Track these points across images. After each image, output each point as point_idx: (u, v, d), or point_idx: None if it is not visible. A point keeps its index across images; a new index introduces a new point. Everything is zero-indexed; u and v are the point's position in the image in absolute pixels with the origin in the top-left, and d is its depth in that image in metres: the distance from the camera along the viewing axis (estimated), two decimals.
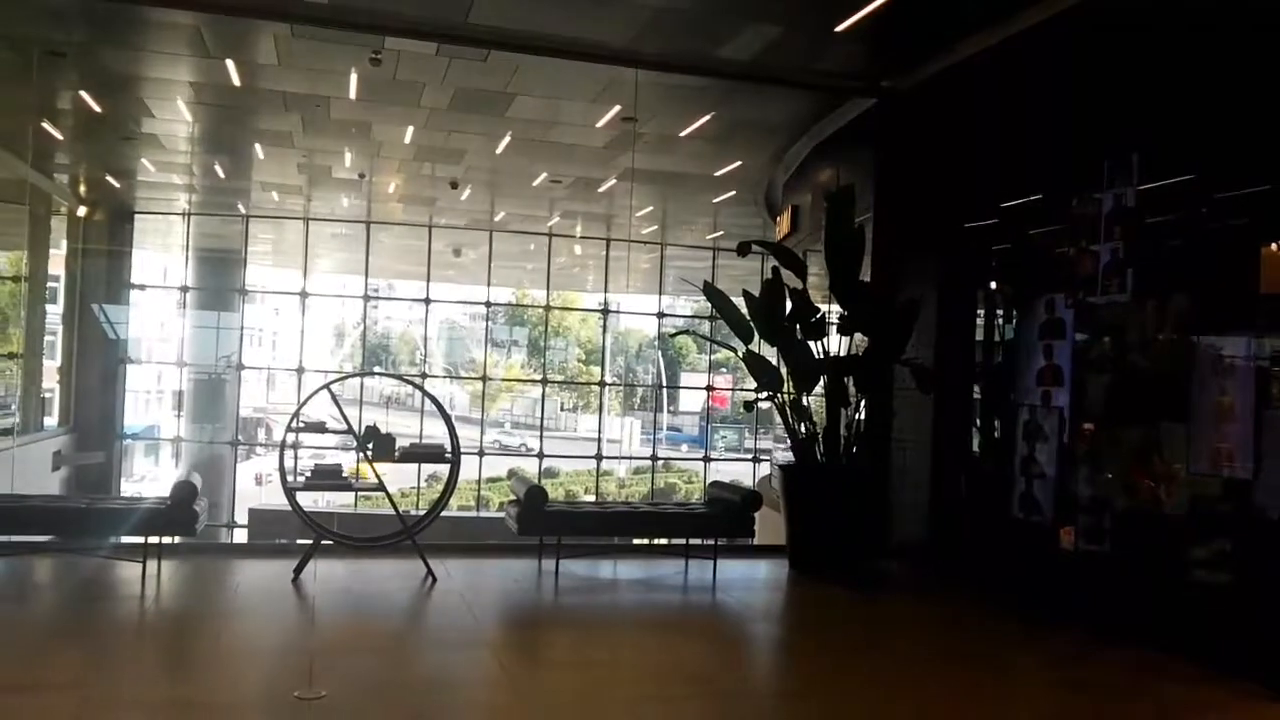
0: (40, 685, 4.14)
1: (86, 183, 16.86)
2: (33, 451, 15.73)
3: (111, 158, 14.64)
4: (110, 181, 16.24)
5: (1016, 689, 4.81)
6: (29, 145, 13.11)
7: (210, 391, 19.85)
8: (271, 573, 6.37)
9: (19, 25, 8.58)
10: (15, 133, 12.79)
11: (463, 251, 19.26)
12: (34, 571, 6.36)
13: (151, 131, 12.36)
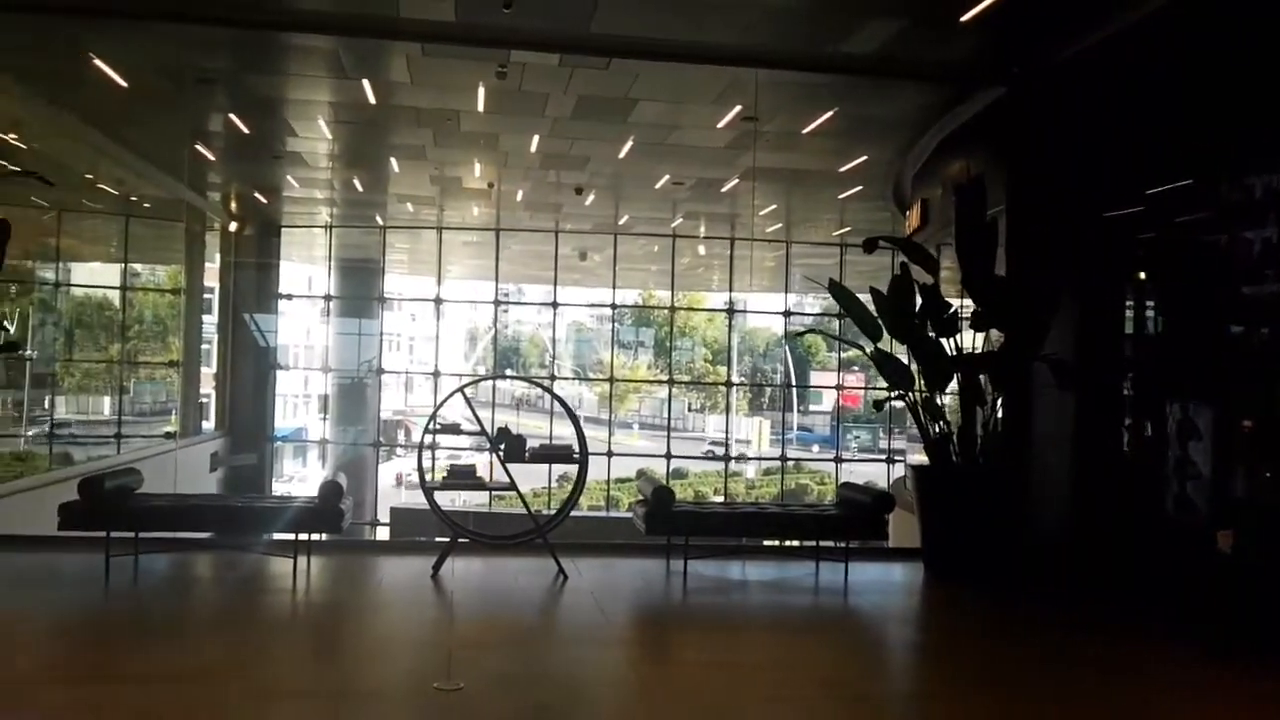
0: (202, 672, 4.42)
1: (237, 200, 17.87)
2: (192, 453, 16.73)
3: (259, 176, 15.49)
4: (259, 198, 17.18)
5: (1156, 697, 4.59)
6: (185, 167, 14.03)
7: (353, 395, 20.69)
8: (412, 569, 6.63)
9: (174, 56, 9.18)
10: (173, 156, 13.70)
11: (589, 255, 19.55)
12: (195, 566, 6.79)
13: (295, 150, 13.01)
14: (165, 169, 14.54)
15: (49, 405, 17.37)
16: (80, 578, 6.09)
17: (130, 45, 8.81)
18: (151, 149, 13.35)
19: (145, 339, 19.93)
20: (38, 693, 4.08)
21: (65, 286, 17.42)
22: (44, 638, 5.07)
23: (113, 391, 18.27)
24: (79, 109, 10.95)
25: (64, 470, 13.84)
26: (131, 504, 6.28)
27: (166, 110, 11.19)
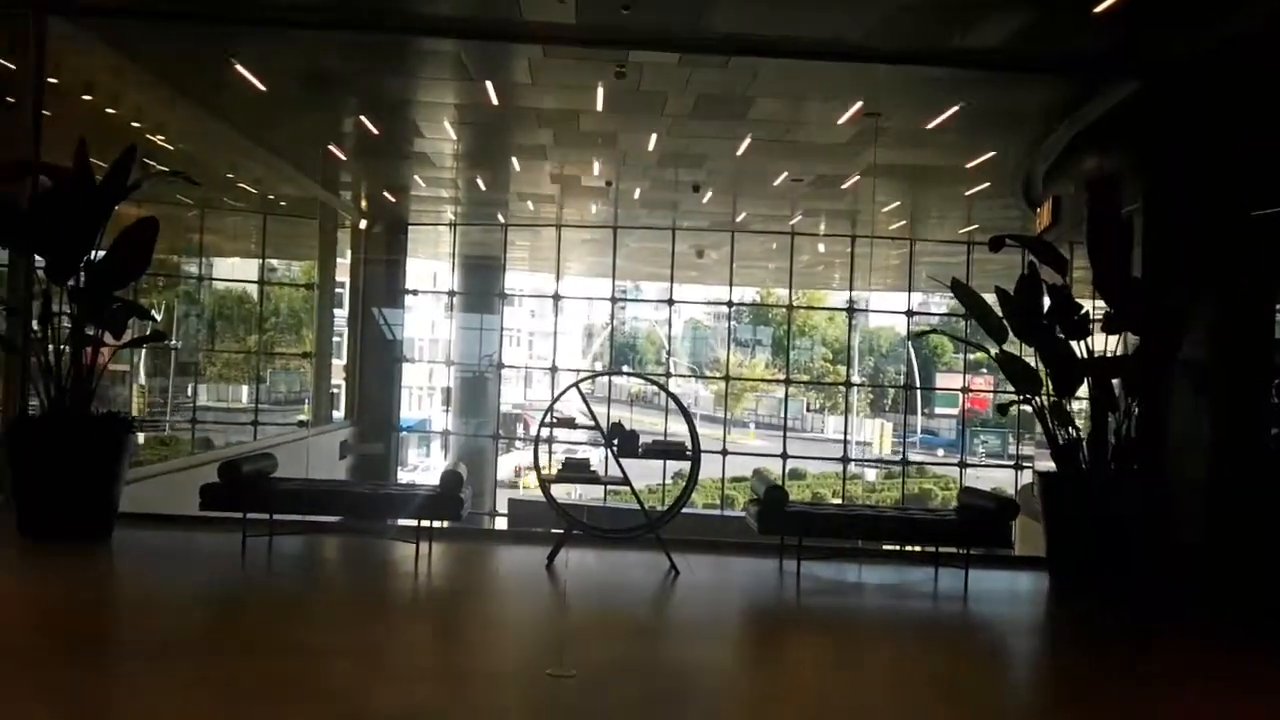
0: (330, 649, 4.62)
1: (367, 198, 18.55)
2: (323, 441, 17.43)
3: (388, 175, 16.05)
4: (387, 197, 17.80)
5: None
6: (319, 167, 14.65)
7: (474, 388, 21.22)
8: (527, 558, 6.78)
9: (310, 61, 9.60)
10: (308, 157, 14.33)
11: (705, 252, 19.56)
12: (325, 548, 7.09)
13: (422, 150, 13.45)
14: (301, 169, 15.23)
15: (191, 393, 18.37)
16: (219, 555, 6.43)
17: (270, 51, 9.26)
18: (288, 150, 13.99)
19: (280, 331, 20.90)
20: (180, 659, 4.34)
21: (207, 280, 18.40)
22: (187, 610, 5.38)
23: (250, 381, 19.21)
24: (221, 112, 11.56)
25: (205, 454, 14.62)
26: (267, 487, 6.60)
27: (302, 112, 11.71)
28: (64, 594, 5.38)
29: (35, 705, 3.66)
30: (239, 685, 3.97)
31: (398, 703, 3.89)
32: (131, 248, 6.84)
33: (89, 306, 6.69)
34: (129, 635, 4.90)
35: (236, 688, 3.94)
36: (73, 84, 9.21)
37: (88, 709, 3.70)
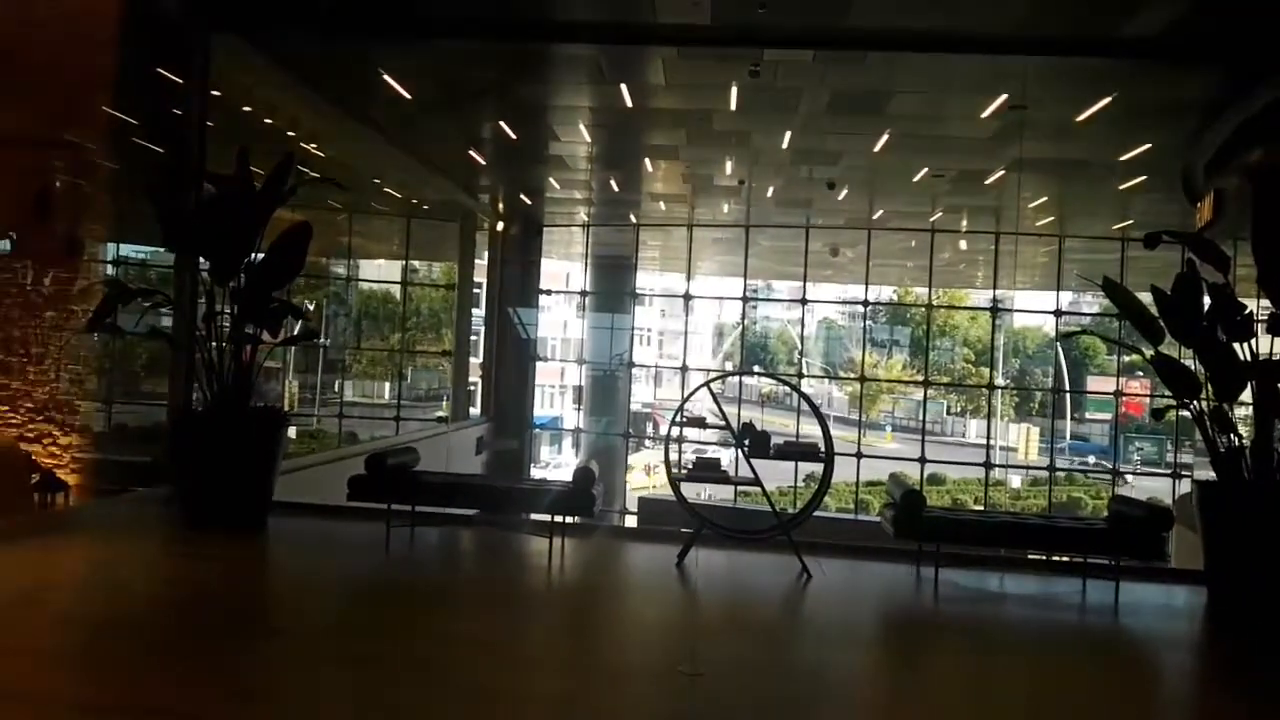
0: (470, 637, 4.76)
1: (504, 201, 19.03)
2: (460, 437, 17.98)
3: (524, 178, 16.42)
4: (524, 199, 18.21)
5: None
6: (460, 171, 15.11)
7: (605, 387, 21.51)
8: (658, 556, 6.81)
9: (452, 70, 9.91)
10: (449, 162, 14.81)
11: (840, 251, 19.25)
12: (463, 539, 7.30)
13: (557, 153, 13.70)
14: (442, 173, 15.75)
15: (338, 389, 19.24)
16: (365, 544, 6.70)
17: (416, 61, 9.61)
18: (431, 155, 14.49)
19: (421, 330, 21.67)
20: (328, 640, 4.57)
21: (354, 281, 19.22)
22: (336, 595, 5.65)
23: (392, 378, 19.98)
24: (370, 120, 12.05)
25: (350, 448, 15.27)
26: (410, 480, 6.84)
27: (444, 119, 12.10)
28: (226, 578, 5.72)
29: (204, 678, 3.92)
30: (381, 667, 4.14)
31: (532, 691, 4.00)
32: (287, 251, 7.20)
33: (249, 306, 7.08)
34: (284, 617, 5.18)
35: (379, 669, 4.11)
36: (234, 96, 9.77)
37: (249, 683, 3.93)
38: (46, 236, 8.36)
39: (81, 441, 8.10)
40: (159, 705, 3.55)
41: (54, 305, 8.36)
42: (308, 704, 3.69)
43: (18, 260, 8.41)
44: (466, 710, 3.73)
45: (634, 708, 3.98)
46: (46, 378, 8.31)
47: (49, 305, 8.36)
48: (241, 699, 3.71)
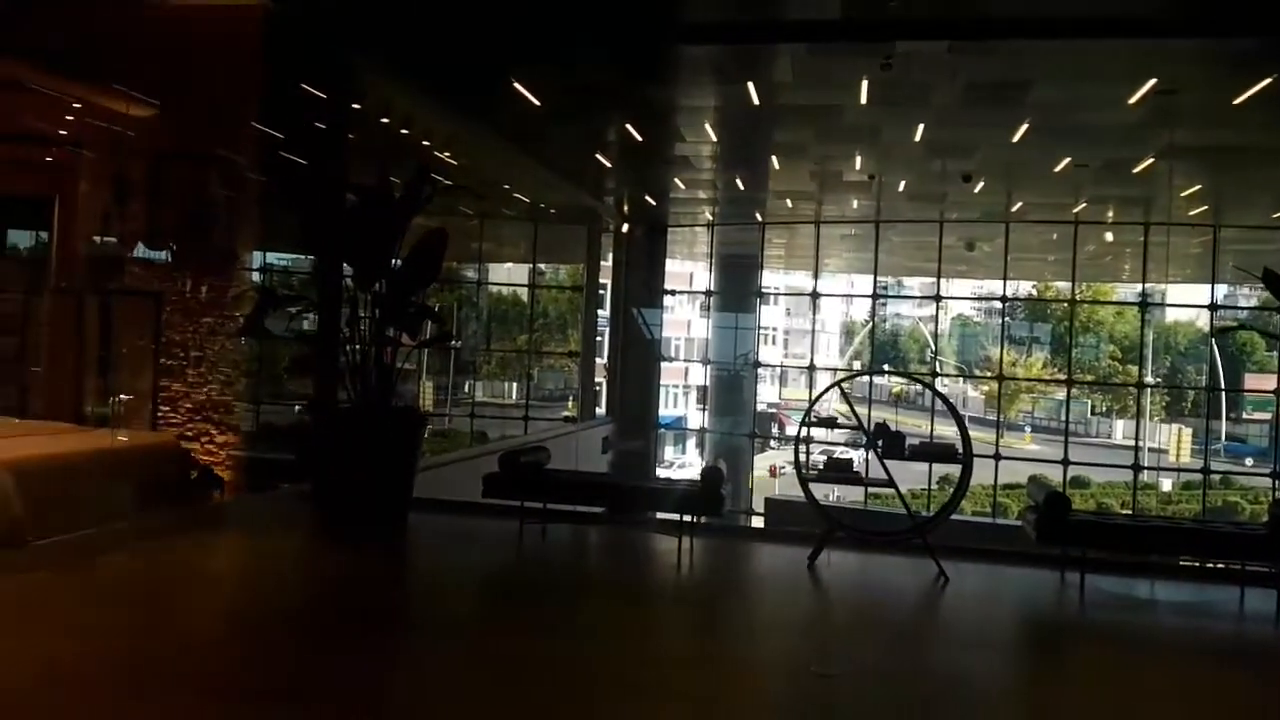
0: (601, 632, 4.82)
1: (629, 203, 19.18)
2: (586, 436, 18.21)
3: (649, 180, 16.50)
4: (648, 201, 18.31)
5: None
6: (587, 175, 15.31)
7: (730, 387, 21.45)
8: (787, 557, 6.76)
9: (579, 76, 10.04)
10: (575, 166, 15.02)
11: (976, 245, 18.65)
12: (593, 536, 7.39)
13: (682, 154, 13.72)
14: (569, 178, 15.99)
15: (469, 389, 19.78)
16: (499, 540, 6.87)
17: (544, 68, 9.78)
18: (558, 160, 14.72)
19: (548, 331, 22.08)
20: (468, 634, 4.71)
21: (483, 285, 19.71)
22: (473, 589, 5.83)
23: (520, 378, 20.41)
24: (499, 127, 12.33)
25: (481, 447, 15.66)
26: (542, 478, 6.97)
27: (571, 124, 12.27)
28: (371, 571, 5.96)
29: (356, 668, 4.09)
30: (520, 662, 4.24)
31: (670, 688, 4.02)
32: (425, 256, 7.45)
33: (390, 310, 7.34)
34: (427, 610, 5.35)
35: (518, 664, 4.20)
36: (372, 109, 10.15)
37: (398, 674, 4.08)
38: (203, 247, 8.86)
39: (235, 440, 8.56)
40: (313, 692, 3.72)
41: (210, 311, 8.84)
42: (455, 695, 3.80)
43: (177, 270, 8.94)
44: (606, 705, 3.77)
45: (770, 706, 3.96)
46: (204, 380, 8.80)
47: (205, 311, 8.85)
48: (387, 690, 3.85)
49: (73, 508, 6.08)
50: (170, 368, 8.78)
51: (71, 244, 9.68)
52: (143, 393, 8.69)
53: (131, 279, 8.93)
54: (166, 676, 3.81)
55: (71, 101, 8.72)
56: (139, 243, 8.62)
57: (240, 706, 3.56)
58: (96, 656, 4.02)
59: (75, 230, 9.70)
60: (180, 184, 8.67)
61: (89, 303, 9.14)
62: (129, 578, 5.37)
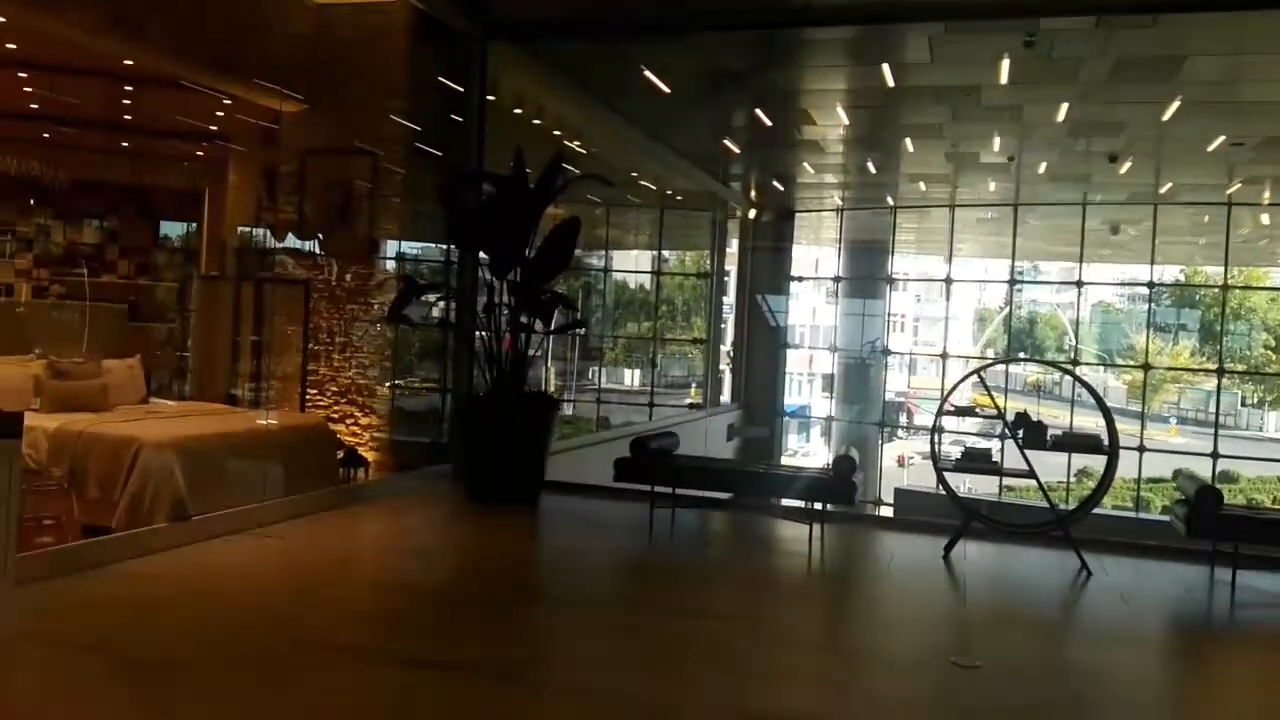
0: (731, 615, 4.87)
1: (756, 188, 19.05)
2: (711, 423, 18.25)
3: (776, 165, 16.36)
4: (775, 186, 18.15)
5: None
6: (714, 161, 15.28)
7: (857, 375, 21.10)
8: (920, 547, 6.65)
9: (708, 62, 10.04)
10: (702, 151, 15.01)
11: (1120, 228, 17.82)
12: (722, 522, 7.42)
13: (811, 138, 13.55)
14: (695, 163, 15.99)
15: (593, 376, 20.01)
16: (628, 524, 6.97)
17: (673, 56, 9.82)
18: (684, 146, 14.75)
19: (672, 318, 22.14)
20: (601, 611, 4.83)
21: (609, 272, 19.90)
22: (605, 569, 5.97)
23: (644, 365, 20.54)
24: (628, 115, 12.43)
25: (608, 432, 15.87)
26: (671, 463, 7.04)
27: (699, 110, 12.28)
28: (509, 549, 6.17)
29: (501, 639, 4.26)
30: (654, 639, 4.33)
31: (801, 671, 4.05)
32: (558, 244, 7.61)
33: (524, 298, 7.53)
34: (565, 587, 5.50)
35: (651, 640, 4.30)
36: (505, 99, 10.39)
37: (540, 646, 4.24)
38: (347, 236, 9.23)
39: (378, 422, 8.92)
40: (466, 662, 3.89)
41: (354, 299, 9.22)
42: (592, 669, 3.91)
43: (324, 258, 9.35)
44: (738, 685, 3.81)
45: (908, 696, 3.92)
46: (347, 364, 9.20)
47: (349, 299, 9.23)
48: (535, 661, 4.00)
49: (229, 485, 6.47)
50: (316, 352, 9.21)
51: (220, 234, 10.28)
52: (292, 376, 9.14)
53: (282, 268, 9.40)
54: (324, 645, 4.04)
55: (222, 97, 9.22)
56: (288, 233, 9.05)
57: (397, 673, 3.75)
58: (258, 626, 4.29)
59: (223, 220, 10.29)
60: (326, 177, 9.04)
61: (241, 290, 9.68)
62: (283, 552, 5.69)
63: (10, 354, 7.54)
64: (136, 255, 11.04)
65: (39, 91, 11.19)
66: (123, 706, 3.27)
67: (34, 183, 9.99)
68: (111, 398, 7.37)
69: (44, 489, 5.33)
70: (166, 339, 10.33)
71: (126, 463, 5.94)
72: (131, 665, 3.65)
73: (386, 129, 9.02)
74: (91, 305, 9.26)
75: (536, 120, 11.78)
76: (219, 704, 3.34)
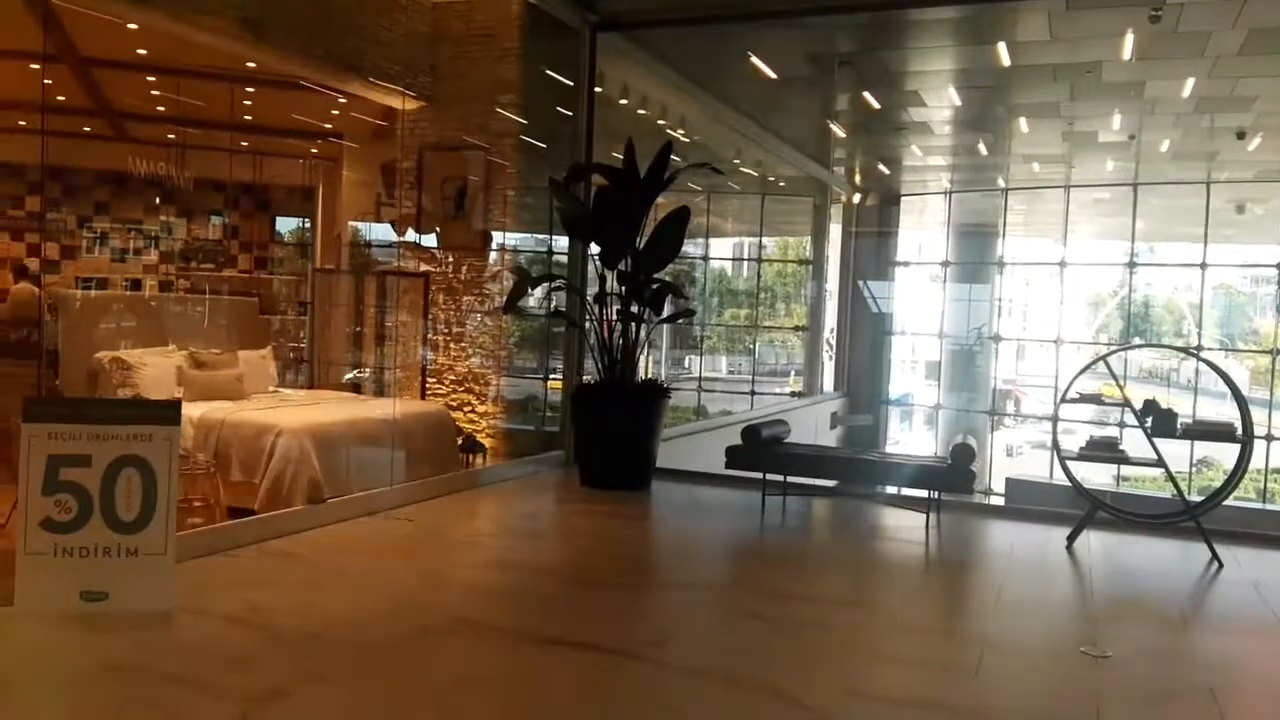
0: (836, 599, 4.89)
1: (860, 172, 18.81)
2: (813, 412, 18.13)
3: (882, 148, 16.13)
4: (880, 169, 17.90)
5: None
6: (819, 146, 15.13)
7: (963, 362, 20.65)
8: (1038, 536, 6.53)
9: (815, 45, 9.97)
10: (806, 136, 14.89)
11: (1246, 207, 17.02)
12: (834, 510, 7.38)
13: (920, 120, 13.32)
14: (799, 149, 15.88)
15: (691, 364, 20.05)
16: (739, 510, 7.02)
17: (780, 41, 9.78)
18: (789, 131, 14.66)
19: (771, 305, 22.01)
20: (716, 593, 4.91)
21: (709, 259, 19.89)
22: (719, 553, 6.06)
23: (743, 352, 20.49)
24: (732, 102, 12.43)
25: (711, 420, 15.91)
26: (783, 450, 7.06)
27: (804, 94, 12.20)
28: (624, 532, 6.29)
29: (623, 619, 4.39)
30: (772, 623, 4.38)
31: (927, 657, 4.05)
32: (668, 234, 7.67)
33: (635, 287, 7.63)
34: (680, 570, 5.60)
35: (770, 625, 4.35)
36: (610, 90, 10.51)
37: (660, 628, 4.33)
38: (463, 229, 9.50)
39: (493, 410, 9.18)
40: (592, 641, 4.01)
41: (469, 290, 9.49)
42: (716, 650, 3.98)
43: (441, 251, 9.65)
44: (863, 669, 3.84)
45: (1037, 685, 3.89)
46: (464, 354, 9.48)
47: (465, 290, 9.51)
48: (662, 642, 4.09)
49: (359, 469, 6.76)
50: (434, 342, 9.51)
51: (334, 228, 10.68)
52: (411, 365, 9.47)
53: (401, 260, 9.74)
54: (458, 621, 4.21)
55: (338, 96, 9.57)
56: (408, 228, 9.36)
57: (531, 650, 3.90)
58: (395, 602, 4.50)
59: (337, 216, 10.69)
60: (442, 172, 9.31)
61: (363, 282, 10.05)
62: (414, 534, 5.93)
63: (150, 346, 8.01)
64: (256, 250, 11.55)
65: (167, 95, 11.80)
66: (279, 673, 3.48)
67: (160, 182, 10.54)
68: (246, 387, 7.76)
69: (193, 473, 5.66)
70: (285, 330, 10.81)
71: (266, 448, 6.28)
72: (280, 637, 3.88)
73: (496, 123, 9.24)
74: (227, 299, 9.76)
75: (641, 110, 11.88)
76: (363, 675, 3.53)
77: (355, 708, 3.23)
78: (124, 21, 7.10)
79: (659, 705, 3.38)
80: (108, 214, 13.01)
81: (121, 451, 4.07)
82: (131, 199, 12.81)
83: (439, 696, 3.40)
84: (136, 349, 7.71)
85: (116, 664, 3.53)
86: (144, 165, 10.62)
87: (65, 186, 12.24)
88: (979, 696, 3.65)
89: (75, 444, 4.04)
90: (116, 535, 4.02)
